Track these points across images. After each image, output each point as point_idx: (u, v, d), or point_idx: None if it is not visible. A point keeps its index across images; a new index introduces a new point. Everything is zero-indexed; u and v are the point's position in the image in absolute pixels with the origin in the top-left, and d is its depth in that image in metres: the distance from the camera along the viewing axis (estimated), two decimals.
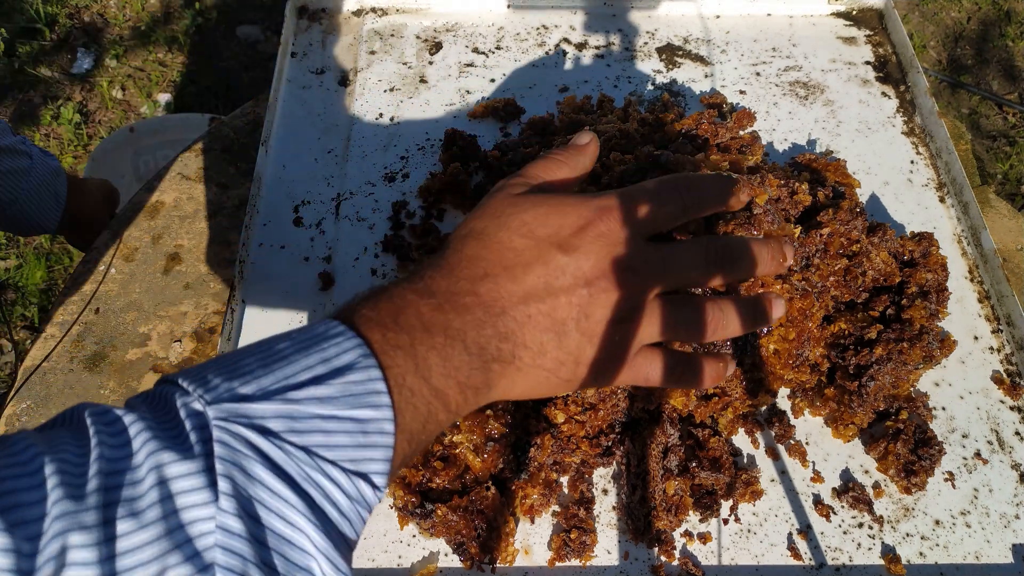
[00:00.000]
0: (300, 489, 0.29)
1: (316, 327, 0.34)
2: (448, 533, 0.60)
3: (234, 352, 0.33)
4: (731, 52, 0.97)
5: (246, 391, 0.30)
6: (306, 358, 0.31)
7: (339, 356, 0.32)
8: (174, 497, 0.28)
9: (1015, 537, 0.63)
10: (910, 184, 0.85)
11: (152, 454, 0.28)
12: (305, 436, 0.30)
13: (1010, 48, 1.90)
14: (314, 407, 0.30)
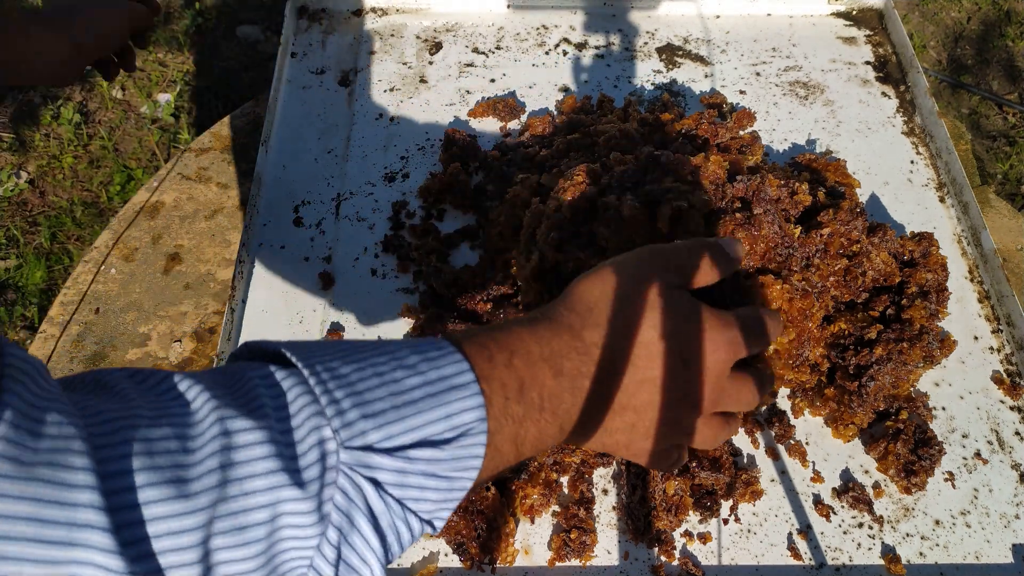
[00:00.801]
0: (383, 536, 0.32)
1: (445, 366, 0.35)
2: (448, 533, 0.60)
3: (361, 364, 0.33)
4: (731, 52, 0.97)
5: (374, 439, 0.32)
6: (432, 410, 0.33)
7: (461, 415, 0.34)
8: (281, 528, 0.30)
9: (1015, 537, 0.63)
10: (910, 184, 0.85)
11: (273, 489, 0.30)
12: (405, 491, 0.32)
13: (1010, 48, 1.90)
14: (423, 466, 0.32)
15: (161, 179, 0.89)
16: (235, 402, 0.31)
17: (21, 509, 0.24)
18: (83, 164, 1.76)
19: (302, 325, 0.74)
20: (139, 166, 1.74)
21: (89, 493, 0.26)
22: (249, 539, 0.29)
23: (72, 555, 0.25)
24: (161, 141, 1.79)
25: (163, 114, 1.82)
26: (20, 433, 0.25)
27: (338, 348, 0.34)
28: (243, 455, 0.29)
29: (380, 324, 0.74)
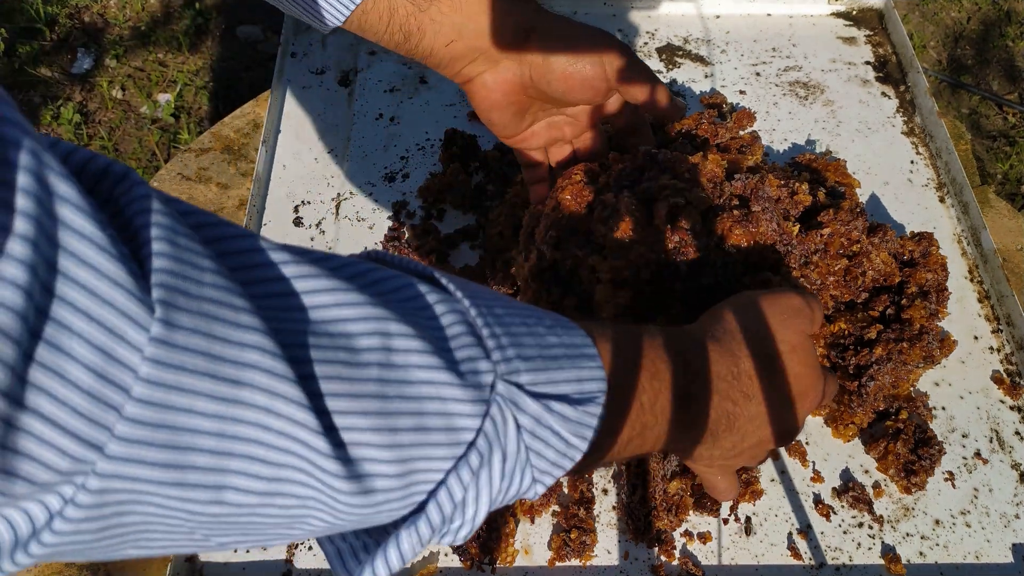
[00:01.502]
0: (507, 479, 0.32)
1: (576, 335, 0.36)
2: None
3: (510, 310, 0.34)
4: (731, 52, 0.97)
5: (525, 380, 0.32)
6: (569, 370, 0.34)
7: (588, 382, 0.35)
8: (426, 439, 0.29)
9: (1015, 537, 0.63)
10: (910, 184, 0.85)
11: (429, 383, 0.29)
12: (534, 441, 0.33)
13: (1010, 48, 1.90)
14: (554, 421, 0.33)
15: (161, 179, 0.89)
16: (392, 303, 0.30)
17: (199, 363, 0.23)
18: None
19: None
20: (139, 166, 1.74)
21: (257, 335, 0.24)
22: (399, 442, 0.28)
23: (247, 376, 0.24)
24: (161, 141, 1.79)
25: (163, 114, 1.82)
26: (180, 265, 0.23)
27: (485, 290, 0.35)
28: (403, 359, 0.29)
29: None
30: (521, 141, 0.65)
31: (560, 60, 0.56)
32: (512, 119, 0.61)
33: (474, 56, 0.56)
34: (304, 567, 0.62)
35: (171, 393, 0.23)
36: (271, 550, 0.63)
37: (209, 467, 0.24)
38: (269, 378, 0.25)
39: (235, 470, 0.25)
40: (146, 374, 0.22)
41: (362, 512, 0.29)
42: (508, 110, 0.60)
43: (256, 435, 0.25)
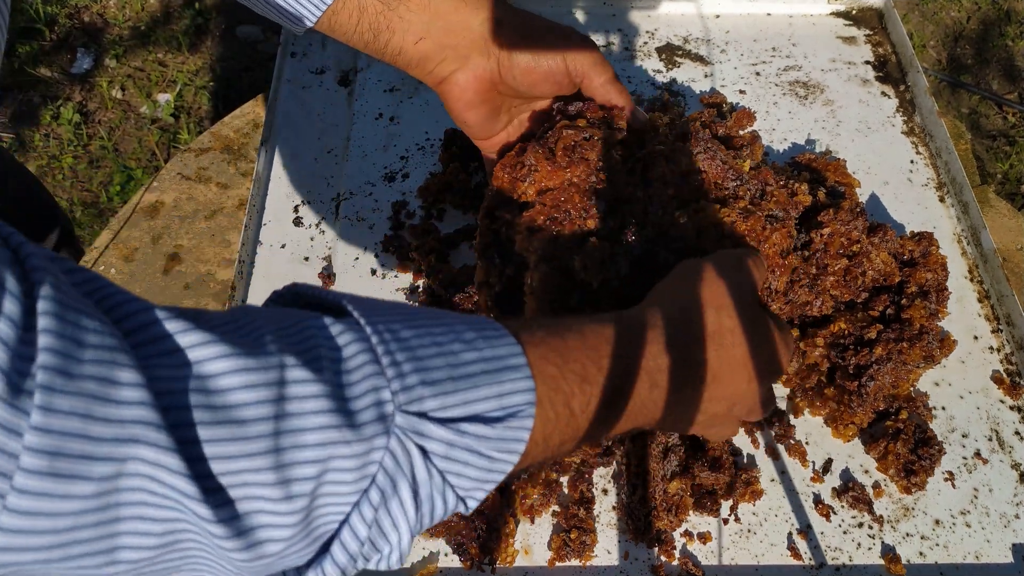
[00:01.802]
0: (420, 505, 0.32)
1: (500, 346, 0.35)
2: (448, 534, 0.60)
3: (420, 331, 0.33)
4: (731, 52, 0.97)
5: (430, 407, 0.32)
6: (486, 387, 0.33)
7: (512, 396, 0.34)
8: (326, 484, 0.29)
9: (1015, 537, 0.63)
10: (910, 184, 0.85)
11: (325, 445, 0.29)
12: (449, 464, 0.32)
13: (1010, 48, 1.90)
14: (471, 441, 0.32)
15: (161, 179, 0.89)
16: (293, 348, 0.30)
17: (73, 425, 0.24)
18: (83, 164, 1.76)
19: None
20: (139, 166, 1.74)
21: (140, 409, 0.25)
22: (295, 493, 0.29)
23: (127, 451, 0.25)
24: (161, 141, 1.79)
25: (163, 114, 1.82)
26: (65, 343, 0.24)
27: (397, 311, 0.34)
28: (298, 407, 0.29)
29: None
30: (494, 145, 0.65)
31: (524, 55, 0.57)
32: (487, 119, 0.61)
33: (444, 54, 0.57)
34: None
35: (50, 481, 0.23)
36: None
37: (95, 538, 0.25)
38: (153, 451, 0.25)
39: (126, 532, 0.26)
40: (26, 463, 0.23)
41: (259, 563, 0.29)
42: (482, 109, 0.60)
43: (142, 501, 0.26)
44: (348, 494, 0.30)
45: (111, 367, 0.25)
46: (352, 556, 0.32)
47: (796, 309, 0.70)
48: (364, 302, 0.34)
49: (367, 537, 0.31)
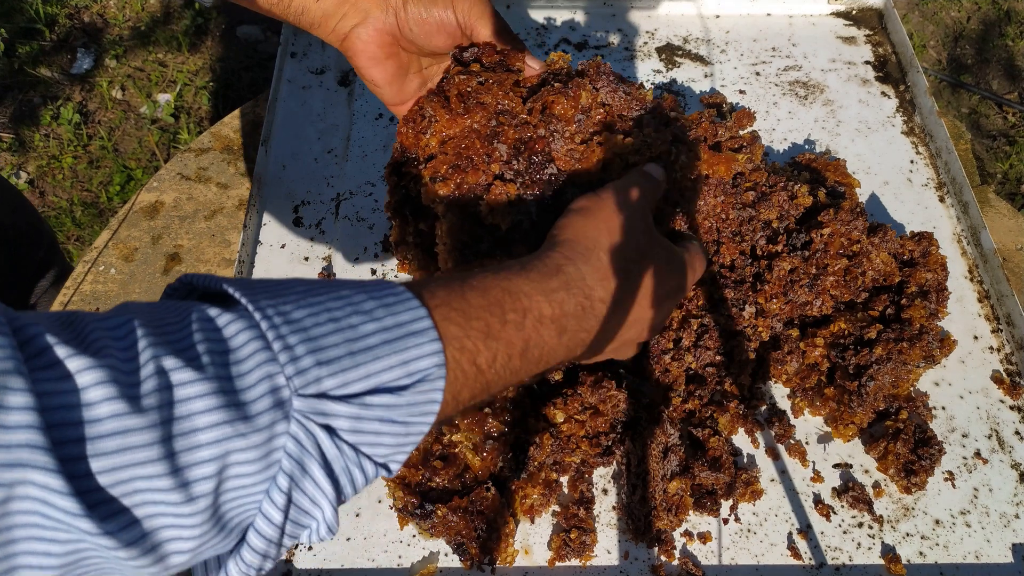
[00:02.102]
0: (336, 480, 0.32)
1: (402, 312, 0.35)
2: (448, 534, 0.60)
3: (315, 308, 0.33)
4: (731, 52, 0.97)
5: (329, 385, 0.31)
6: (389, 356, 0.33)
7: (418, 361, 0.34)
8: (229, 479, 0.29)
9: (1015, 537, 0.63)
10: (910, 184, 0.85)
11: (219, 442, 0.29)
12: (360, 436, 0.32)
13: (1010, 48, 1.90)
14: (380, 412, 0.33)
15: (161, 179, 0.89)
16: (175, 348, 0.30)
17: None
18: (83, 164, 1.76)
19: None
20: (139, 166, 1.74)
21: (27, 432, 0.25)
22: (196, 493, 0.28)
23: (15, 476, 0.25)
24: (161, 141, 1.79)
25: (163, 114, 1.82)
26: None
27: (289, 289, 0.34)
28: (185, 409, 0.28)
29: None
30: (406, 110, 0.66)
31: (417, 6, 0.58)
32: (394, 77, 0.61)
33: (344, 10, 0.58)
34: (304, 567, 0.62)
35: None
36: None
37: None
38: (40, 474, 0.25)
39: (24, 552, 0.26)
40: None
41: (169, 568, 0.30)
42: (388, 65, 0.60)
43: (36, 523, 0.26)
44: (255, 484, 0.30)
45: (3, 392, 0.25)
46: (270, 540, 0.32)
47: (796, 309, 0.70)
48: (253, 285, 0.33)
49: (282, 522, 0.31)
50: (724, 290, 0.71)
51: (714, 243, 0.73)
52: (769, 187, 0.73)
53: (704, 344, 0.68)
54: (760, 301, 0.70)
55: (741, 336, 0.70)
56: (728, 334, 0.70)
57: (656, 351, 0.68)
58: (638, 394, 0.66)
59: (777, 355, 0.69)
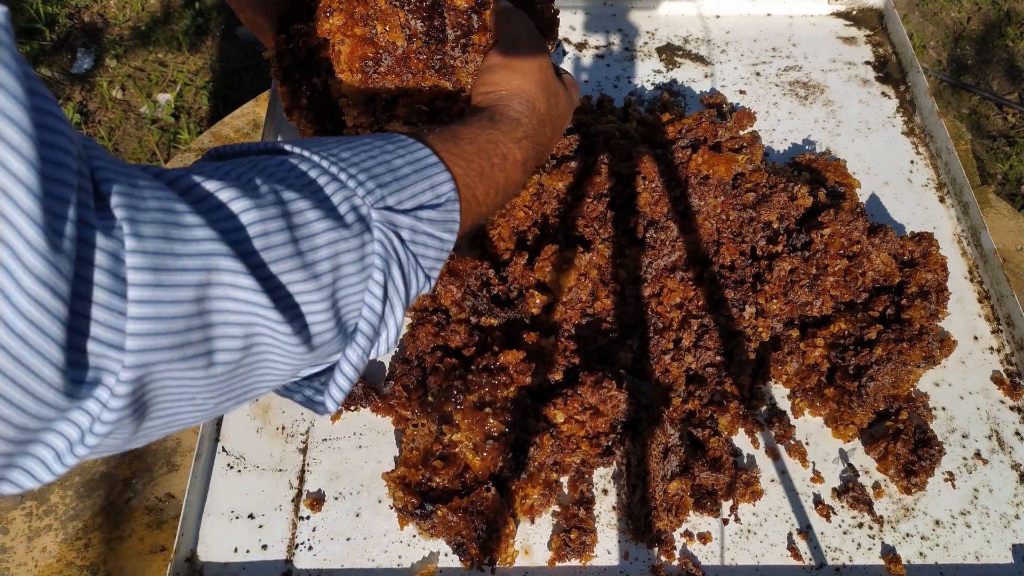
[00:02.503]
0: (408, 284, 0.40)
1: (416, 151, 0.42)
2: (448, 534, 0.60)
3: (355, 150, 0.40)
4: (731, 52, 0.97)
5: (391, 202, 0.39)
6: (421, 182, 0.41)
7: (440, 186, 0.42)
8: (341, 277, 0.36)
9: (1015, 537, 0.63)
10: (910, 184, 0.85)
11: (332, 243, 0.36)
12: (416, 247, 0.40)
13: (1010, 48, 1.90)
14: (427, 226, 0.40)
15: None
16: (279, 181, 0.36)
17: None
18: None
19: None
20: None
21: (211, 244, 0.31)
22: (322, 284, 0.35)
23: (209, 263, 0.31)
24: (161, 141, 1.79)
25: (163, 114, 1.82)
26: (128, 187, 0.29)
27: (327, 141, 0.40)
28: (305, 225, 0.35)
29: None
30: None
31: None
32: None
33: None
34: (304, 567, 0.62)
35: (158, 290, 0.29)
36: (271, 550, 0.63)
37: (199, 340, 0.31)
38: (229, 275, 0.31)
39: (218, 336, 0.31)
40: (134, 279, 0.28)
41: (312, 355, 0.36)
42: None
43: (227, 309, 0.31)
44: (357, 283, 0.37)
45: (174, 212, 0.30)
46: (374, 328, 0.38)
47: (796, 309, 0.70)
48: (295, 141, 0.39)
49: (381, 311, 0.38)
50: (724, 290, 0.71)
51: (714, 243, 0.74)
52: (769, 188, 0.74)
53: (704, 344, 0.68)
54: (760, 301, 0.70)
55: (741, 336, 0.70)
56: (728, 334, 0.70)
57: (656, 351, 0.68)
58: (638, 394, 0.66)
59: (777, 355, 0.69)
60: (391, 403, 0.67)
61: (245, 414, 0.70)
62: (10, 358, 0.25)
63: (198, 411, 0.34)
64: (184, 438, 0.71)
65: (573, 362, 0.67)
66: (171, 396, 0.32)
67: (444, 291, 0.70)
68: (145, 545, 0.65)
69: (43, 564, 0.64)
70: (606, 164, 0.75)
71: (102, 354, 0.28)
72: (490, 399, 0.62)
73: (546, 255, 0.70)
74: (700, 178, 0.74)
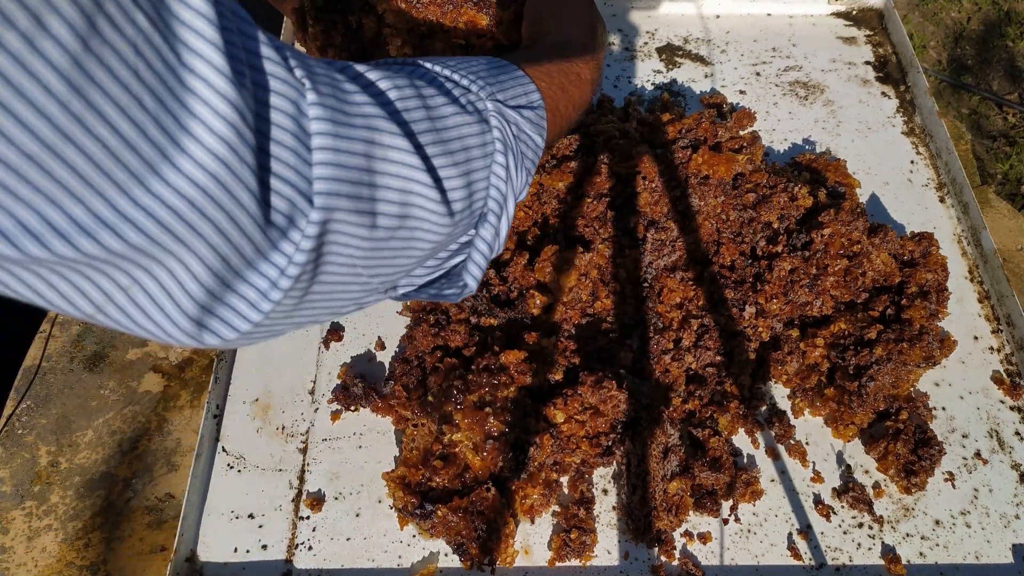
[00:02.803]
0: (518, 172, 0.43)
1: (507, 66, 0.46)
2: (448, 534, 0.60)
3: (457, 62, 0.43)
4: (731, 52, 0.97)
5: (502, 97, 0.43)
6: (517, 87, 0.45)
7: (531, 94, 0.46)
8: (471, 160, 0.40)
9: (1015, 537, 0.63)
10: (910, 184, 0.85)
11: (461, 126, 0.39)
12: (521, 144, 0.43)
13: (1010, 48, 1.90)
14: (527, 124, 0.44)
15: None
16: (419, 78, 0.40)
17: None
18: None
19: None
20: None
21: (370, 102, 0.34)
22: (457, 160, 0.38)
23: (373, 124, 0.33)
24: None
25: None
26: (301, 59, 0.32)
27: (439, 58, 0.43)
28: (433, 102, 0.38)
29: (380, 323, 0.74)
30: None
31: None
32: None
33: None
34: (304, 567, 0.62)
35: (337, 141, 0.31)
36: (271, 550, 0.63)
37: (368, 196, 0.33)
38: (389, 136, 0.34)
39: (381, 197, 0.34)
40: (317, 128, 0.30)
41: (451, 227, 0.39)
42: None
43: (387, 171, 0.34)
44: (483, 167, 0.40)
45: (336, 79, 0.33)
46: (500, 206, 0.41)
47: (796, 309, 0.70)
48: (421, 59, 0.43)
49: (503, 195, 0.41)
50: (724, 290, 0.71)
51: (714, 243, 0.73)
52: (770, 188, 0.74)
53: (704, 344, 0.68)
54: (760, 301, 0.70)
55: (741, 336, 0.70)
56: (728, 334, 0.70)
57: (656, 351, 0.68)
58: (638, 394, 0.66)
59: (777, 355, 0.69)
60: (391, 403, 0.67)
61: (245, 414, 0.70)
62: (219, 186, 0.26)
63: (355, 284, 0.36)
64: (184, 438, 0.71)
65: (573, 362, 0.67)
66: (339, 259, 0.33)
67: None
68: (145, 545, 0.65)
69: (43, 564, 0.64)
70: (606, 164, 0.75)
71: (291, 197, 0.30)
72: (490, 399, 0.62)
73: (546, 255, 0.70)
74: (700, 178, 0.74)
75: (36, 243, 0.23)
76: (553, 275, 0.70)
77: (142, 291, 0.27)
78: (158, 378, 0.74)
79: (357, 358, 0.73)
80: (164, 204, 0.25)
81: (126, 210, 0.24)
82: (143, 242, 0.25)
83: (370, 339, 0.74)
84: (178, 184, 0.25)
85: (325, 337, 0.74)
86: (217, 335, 0.31)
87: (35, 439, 0.71)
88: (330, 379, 0.71)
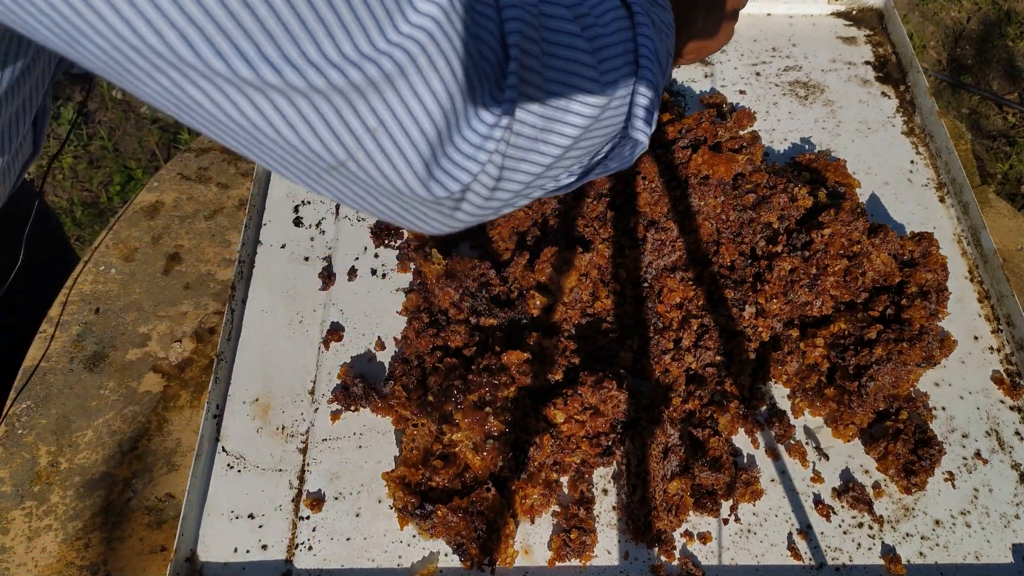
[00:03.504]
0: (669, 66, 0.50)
1: None
2: (448, 534, 0.60)
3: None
4: (731, 52, 0.97)
5: None
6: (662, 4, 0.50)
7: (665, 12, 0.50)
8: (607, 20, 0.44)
9: (1015, 537, 0.63)
10: (910, 184, 0.85)
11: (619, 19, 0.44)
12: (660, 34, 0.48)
13: (1010, 48, 1.90)
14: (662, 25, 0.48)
15: (161, 179, 0.89)
16: None
17: None
18: (83, 164, 1.76)
19: (302, 325, 0.74)
20: (139, 166, 1.74)
21: None
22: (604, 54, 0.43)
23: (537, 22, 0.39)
24: (161, 141, 1.79)
25: (163, 114, 1.82)
26: None
27: None
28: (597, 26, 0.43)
29: (380, 323, 0.74)
30: None
31: None
32: None
33: None
34: (304, 567, 0.62)
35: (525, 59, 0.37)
36: (271, 550, 0.63)
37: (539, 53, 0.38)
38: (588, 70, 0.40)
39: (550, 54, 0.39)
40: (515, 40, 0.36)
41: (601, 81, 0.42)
42: None
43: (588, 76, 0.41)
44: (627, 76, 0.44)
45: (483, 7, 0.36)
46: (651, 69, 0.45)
47: (796, 309, 0.70)
48: None
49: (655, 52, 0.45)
50: (724, 290, 0.71)
51: (714, 243, 0.73)
52: (769, 188, 0.74)
53: (704, 344, 0.68)
54: (760, 301, 0.70)
55: (741, 336, 0.70)
56: (728, 334, 0.70)
57: (656, 351, 0.68)
58: (638, 394, 0.66)
59: (777, 355, 0.69)
60: (391, 403, 0.67)
61: (245, 414, 0.70)
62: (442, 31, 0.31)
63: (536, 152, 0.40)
64: (184, 438, 0.71)
65: (573, 362, 0.67)
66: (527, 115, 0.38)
67: (442, 293, 0.70)
68: (145, 545, 0.65)
69: (43, 564, 0.64)
70: None
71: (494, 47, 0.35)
72: (490, 399, 0.62)
73: (546, 256, 0.70)
74: (700, 178, 0.74)
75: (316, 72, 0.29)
76: (553, 275, 0.70)
77: (386, 133, 0.32)
78: (158, 378, 0.74)
79: (357, 358, 0.73)
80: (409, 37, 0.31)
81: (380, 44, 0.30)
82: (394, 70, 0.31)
83: (370, 339, 0.74)
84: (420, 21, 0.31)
85: (325, 337, 0.74)
86: (442, 185, 0.35)
87: (35, 439, 0.71)
88: (330, 379, 0.71)
